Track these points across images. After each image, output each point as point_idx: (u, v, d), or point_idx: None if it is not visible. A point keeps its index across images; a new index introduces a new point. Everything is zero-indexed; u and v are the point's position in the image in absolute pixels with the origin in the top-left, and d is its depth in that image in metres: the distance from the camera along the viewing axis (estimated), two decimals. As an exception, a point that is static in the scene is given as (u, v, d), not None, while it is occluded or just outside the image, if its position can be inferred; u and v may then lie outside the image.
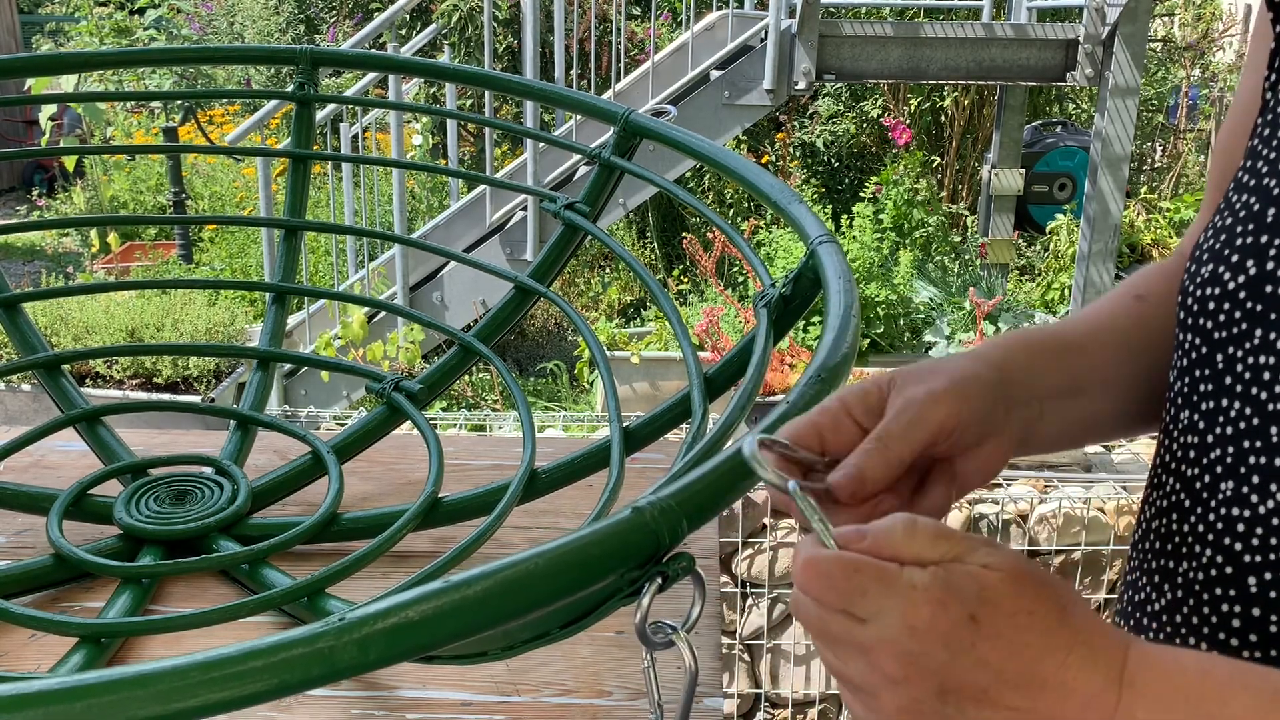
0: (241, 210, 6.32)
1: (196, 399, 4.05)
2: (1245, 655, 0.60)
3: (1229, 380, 0.61)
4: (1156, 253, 5.56)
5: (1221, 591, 0.61)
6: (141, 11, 7.85)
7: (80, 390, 1.10)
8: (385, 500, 1.04)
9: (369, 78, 4.93)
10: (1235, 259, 0.62)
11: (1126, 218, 5.40)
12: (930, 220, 5.23)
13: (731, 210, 6.09)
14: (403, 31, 5.83)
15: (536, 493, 0.96)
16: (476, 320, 4.53)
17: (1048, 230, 5.47)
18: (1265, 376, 0.59)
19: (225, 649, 0.39)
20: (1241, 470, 0.60)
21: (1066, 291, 5.08)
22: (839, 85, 6.33)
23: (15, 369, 1.08)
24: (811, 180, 6.32)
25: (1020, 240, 5.85)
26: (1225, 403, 0.62)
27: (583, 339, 1.40)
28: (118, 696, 0.38)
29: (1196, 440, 0.64)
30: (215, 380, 4.19)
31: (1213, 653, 0.61)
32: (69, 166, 7.45)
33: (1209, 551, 0.62)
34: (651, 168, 1.37)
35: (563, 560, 0.46)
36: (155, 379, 4.15)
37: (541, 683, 0.82)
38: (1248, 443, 0.60)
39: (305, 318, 4.70)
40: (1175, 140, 6.60)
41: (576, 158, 4.67)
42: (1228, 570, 0.61)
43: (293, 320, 4.61)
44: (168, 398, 3.99)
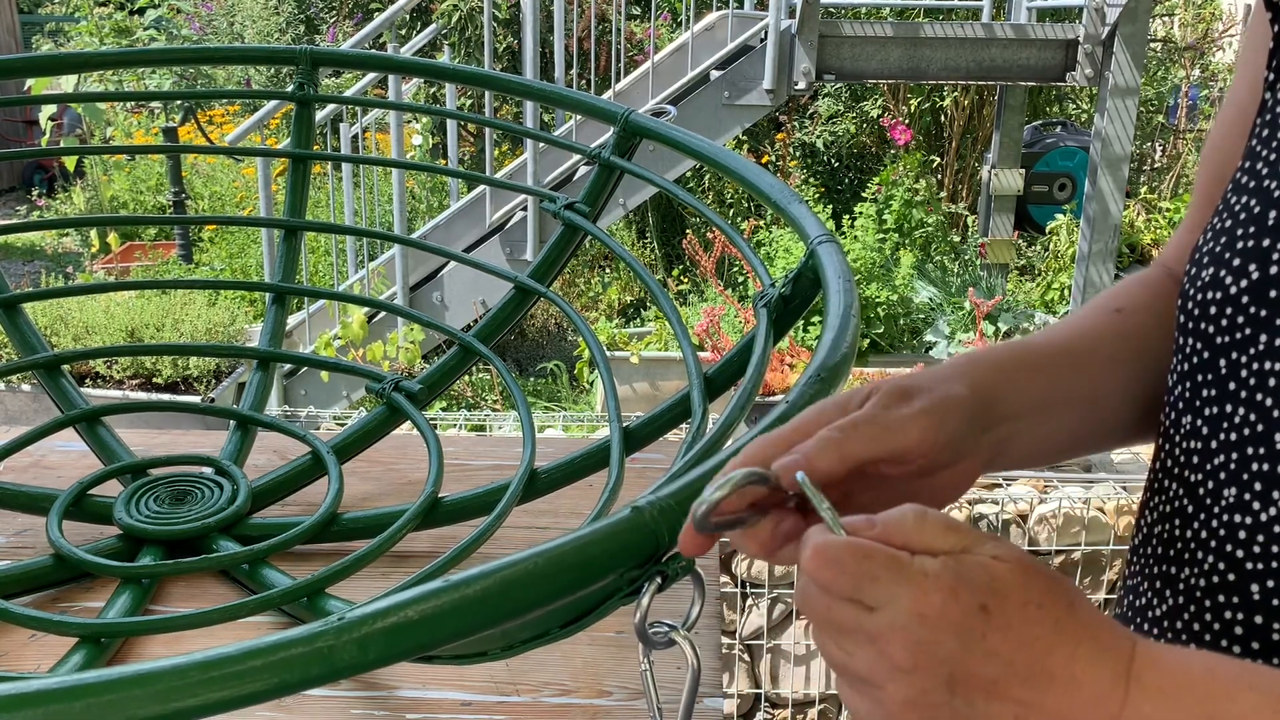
0: (241, 210, 6.32)
1: (196, 399, 4.05)
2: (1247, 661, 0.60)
3: (1232, 386, 0.61)
4: (1156, 253, 5.55)
5: (1224, 598, 0.61)
6: (141, 11, 7.85)
7: (80, 390, 1.10)
8: (385, 500, 1.04)
9: (369, 78, 4.93)
10: (1237, 263, 0.61)
11: (1126, 218, 5.40)
12: (930, 220, 5.23)
13: (731, 210, 6.09)
14: (403, 31, 5.83)
15: (536, 493, 0.96)
16: (476, 320, 4.52)
17: (1048, 230, 5.47)
18: (1270, 383, 0.59)
19: (224, 648, 0.39)
20: (1244, 477, 0.60)
21: (1066, 291, 5.08)
22: (839, 85, 6.33)
23: (15, 369, 1.08)
24: (811, 180, 6.31)
25: (1020, 240, 5.84)
26: (1229, 408, 0.61)
27: (583, 339, 1.40)
28: (117, 696, 0.38)
29: (1198, 445, 0.63)
30: (215, 380, 4.19)
31: (1218, 653, 0.60)
32: (69, 166, 7.46)
33: (1211, 558, 0.62)
34: (651, 168, 1.37)
35: (562, 559, 0.46)
36: (155, 379, 4.15)
37: (541, 683, 0.82)
38: (1251, 449, 0.59)
39: (305, 318, 4.70)
40: (1175, 140, 6.60)
41: (576, 158, 4.67)
42: (1230, 577, 0.60)
43: (293, 320, 4.61)
44: (168, 398, 3.99)
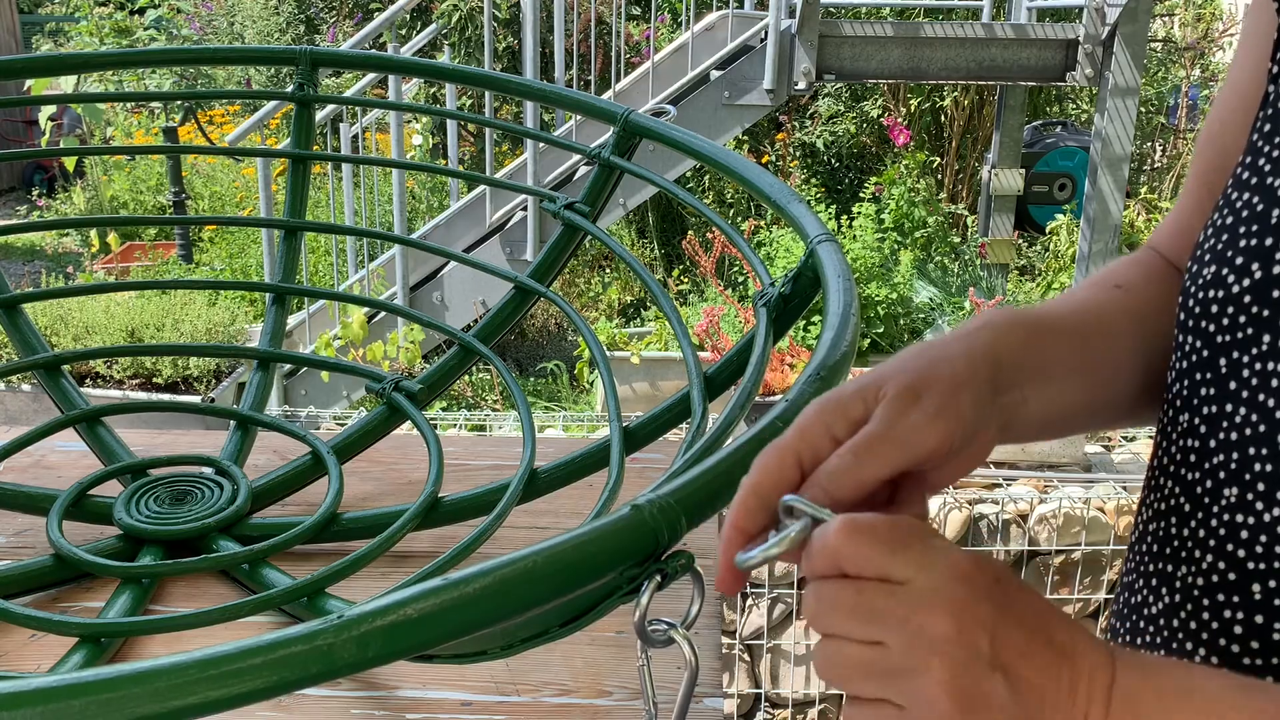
0: (241, 210, 6.32)
1: (196, 399, 4.05)
2: (1246, 661, 0.60)
3: (1233, 385, 0.60)
4: (1156, 252, 5.54)
5: (1224, 597, 0.60)
6: (141, 11, 7.85)
7: (80, 390, 1.10)
8: (385, 500, 1.04)
9: (369, 78, 4.92)
10: (1239, 261, 0.61)
11: (1126, 218, 5.39)
12: (930, 220, 5.23)
13: (731, 210, 6.09)
14: (403, 31, 5.83)
15: (536, 492, 0.96)
16: (476, 320, 4.52)
17: (1048, 230, 5.47)
18: (1273, 383, 0.58)
19: (223, 646, 0.39)
20: (1246, 477, 0.59)
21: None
22: (839, 85, 6.33)
23: (15, 369, 1.08)
24: (811, 180, 6.31)
25: (1020, 240, 5.84)
26: (1229, 408, 0.60)
27: (583, 339, 1.40)
28: (116, 694, 0.38)
29: (1197, 444, 0.63)
30: (215, 380, 4.19)
31: (1197, 666, 0.60)
32: (69, 166, 7.46)
33: (1210, 557, 0.61)
34: (651, 168, 1.37)
35: (561, 557, 0.46)
36: (155, 379, 4.15)
37: (541, 683, 0.82)
38: (1253, 449, 0.59)
39: (305, 318, 4.70)
40: (1175, 140, 6.59)
41: (576, 158, 4.67)
42: (1230, 576, 0.60)
43: (293, 320, 4.61)
44: (168, 398, 3.99)
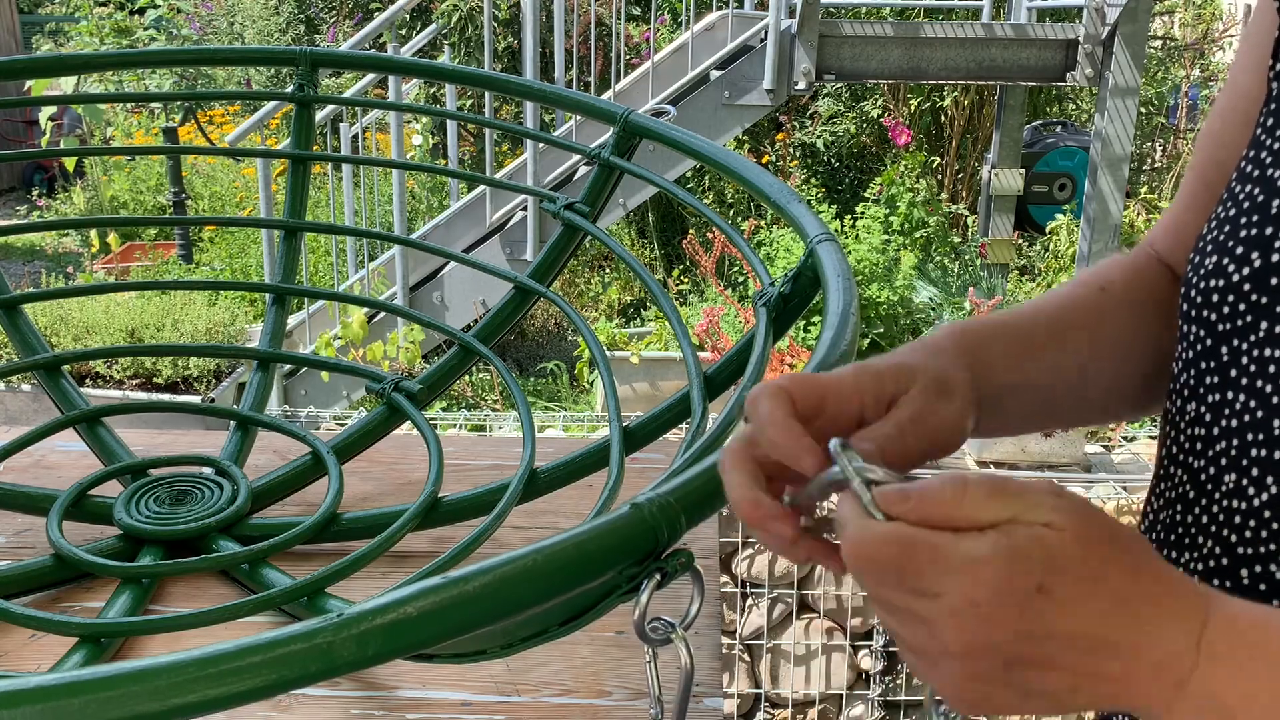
0: (241, 210, 6.32)
1: (196, 399, 4.05)
2: None
3: (1234, 372, 0.61)
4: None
5: (1218, 583, 0.61)
6: (141, 11, 7.85)
7: (80, 391, 1.10)
8: (385, 500, 1.04)
9: (369, 78, 4.92)
10: (1240, 251, 0.62)
11: (1126, 218, 5.39)
12: (930, 220, 5.23)
13: (731, 210, 6.09)
14: (403, 32, 5.83)
15: (536, 492, 0.96)
16: (476, 320, 4.52)
17: (1048, 230, 5.47)
18: (1270, 369, 0.59)
19: (222, 645, 0.39)
20: (1244, 462, 0.60)
21: (1067, 291, 5.07)
22: (839, 85, 6.33)
23: (15, 369, 1.08)
24: (811, 180, 6.31)
25: (1020, 240, 5.84)
26: (1230, 395, 0.62)
27: (583, 339, 1.40)
28: (115, 693, 0.38)
29: (1202, 433, 0.64)
30: (215, 380, 4.19)
31: None
32: (69, 167, 7.45)
33: (1209, 543, 0.62)
34: (651, 168, 1.37)
35: (561, 556, 0.46)
36: (155, 379, 4.15)
37: (541, 682, 0.82)
38: (1251, 435, 0.60)
39: (305, 318, 4.70)
40: (1175, 140, 6.59)
41: (576, 158, 4.67)
42: (1224, 562, 0.61)
43: (293, 320, 4.61)
44: (168, 398, 3.99)
